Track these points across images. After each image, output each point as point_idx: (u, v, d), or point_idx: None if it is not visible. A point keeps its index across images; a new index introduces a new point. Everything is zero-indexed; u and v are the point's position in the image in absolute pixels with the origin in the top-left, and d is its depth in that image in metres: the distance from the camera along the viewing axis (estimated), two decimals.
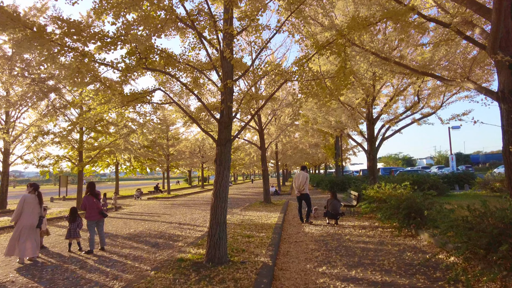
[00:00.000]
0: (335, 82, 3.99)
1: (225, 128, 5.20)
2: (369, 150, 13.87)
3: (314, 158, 33.06)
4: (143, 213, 13.62)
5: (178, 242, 7.47)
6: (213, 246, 4.86)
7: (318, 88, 4.16)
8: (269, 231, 7.57)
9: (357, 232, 7.53)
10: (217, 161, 5.12)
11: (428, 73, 6.30)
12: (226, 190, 5.07)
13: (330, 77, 4.63)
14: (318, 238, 7.06)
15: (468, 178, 21.44)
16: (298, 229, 8.27)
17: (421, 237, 6.60)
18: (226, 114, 5.10)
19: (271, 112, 16.34)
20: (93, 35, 3.95)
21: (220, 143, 5.17)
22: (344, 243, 6.43)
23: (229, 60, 4.92)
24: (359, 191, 11.07)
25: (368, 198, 10.08)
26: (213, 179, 5.31)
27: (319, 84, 4.16)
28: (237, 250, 5.63)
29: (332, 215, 8.67)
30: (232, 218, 10.16)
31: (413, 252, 5.52)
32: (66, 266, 5.65)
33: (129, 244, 7.37)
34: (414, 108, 13.60)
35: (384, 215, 7.69)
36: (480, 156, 68.56)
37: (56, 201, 22.21)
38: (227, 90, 5.13)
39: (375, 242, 6.43)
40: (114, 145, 15.76)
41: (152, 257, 6.11)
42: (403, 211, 7.12)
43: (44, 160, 15.08)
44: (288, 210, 12.50)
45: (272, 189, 21.27)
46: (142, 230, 9.19)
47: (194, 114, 7.23)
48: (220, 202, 4.98)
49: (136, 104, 5.77)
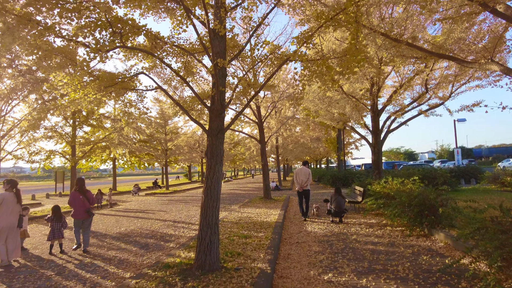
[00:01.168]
0: (345, 60, 3.34)
1: (217, 116, 4.56)
2: (374, 143, 13.24)
3: (316, 153, 32.42)
4: (138, 210, 13.07)
5: (170, 242, 6.89)
6: (203, 251, 4.26)
7: (324, 67, 3.51)
8: (268, 231, 6.97)
9: (364, 232, 6.92)
10: (208, 154, 4.49)
11: (445, 55, 5.63)
12: (219, 187, 4.45)
13: (338, 57, 3.98)
14: (321, 238, 6.46)
15: (475, 172, 20.82)
16: (300, 227, 7.68)
17: (435, 238, 5.99)
18: (217, 100, 4.46)
19: (271, 104, 15.67)
20: (56, 3, 3.30)
21: (212, 133, 4.53)
22: (351, 244, 5.83)
23: (220, 35, 4.26)
24: (364, 187, 10.45)
25: (374, 194, 9.46)
26: None
27: (324, 63, 3.51)
28: (231, 253, 5.03)
29: (336, 213, 8.07)
30: (229, 215, 9.58)
31: (429, 256, 4.91)
32: (41, 272, 5.07)
33: (116, 245, 6.79)
34: (421, 99, 12.92)
35: (394, 212, 7.07)
36: (483, 150, 67.86)
37: (52, 197, 21.68)
38: (218, 73, 4.48)
39: (385, 243, 5.82)
40: (108, 139, 15.16)
41: (139, 260, 5.53)
42: (415, 209, 6.50)
43: (36, 155, 14.50)
44: (289, 206, 11.91)
45: (273, 184, 20.69)
46: (134, 229, 8.62)
47: (187, 103, 6.59)
48: (211, 201, 4.37)
49: (118, 90, 5.15)
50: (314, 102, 14.10)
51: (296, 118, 21.94)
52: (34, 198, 20.24)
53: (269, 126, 22.17)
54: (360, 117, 13.43)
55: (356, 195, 10.55)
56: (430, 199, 6.49)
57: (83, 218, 6.35)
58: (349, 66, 3.23)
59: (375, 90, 12.54)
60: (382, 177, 12.40)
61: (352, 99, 12.83)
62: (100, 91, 4.57)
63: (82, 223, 6.38)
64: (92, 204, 6.73)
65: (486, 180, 15.48)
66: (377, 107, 13.32)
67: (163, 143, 24.56)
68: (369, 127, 13.64)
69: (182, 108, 4.75)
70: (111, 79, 4.67)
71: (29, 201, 17.85)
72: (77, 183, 6.59)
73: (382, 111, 13.53)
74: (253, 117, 16.42)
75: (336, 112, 14.27)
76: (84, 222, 6.39)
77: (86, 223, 6.43)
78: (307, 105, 15.68)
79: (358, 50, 3.17)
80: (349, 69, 3.23)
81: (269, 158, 31.20)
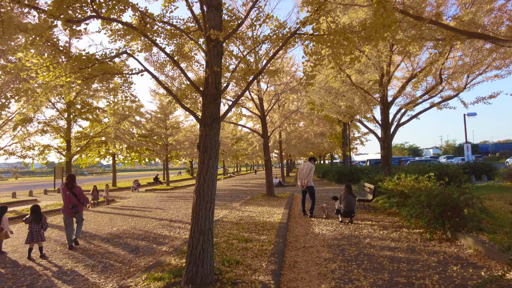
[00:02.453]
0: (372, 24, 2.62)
1: (211, 102, 3.86)
2: (383, 137, 12.49)
3: (320, 148, 31.62)
4: (135, 207, 12.47)
5: (163, 245, 6.26)
6: (195, 261, 3.59)
7: (341, 38, 2.80)
8: (271, 233, 6.30)
9: (378, 234, 6.23)
10: (201, 146, 3.81)
11: (476, 33, 4.87)
12: (213, 185, 3.77)
13: (357, 30, 3.24)
14: (331, 242, 5.78)
15: (486, 168, 20.02)
16: (307, 228, 7.00)
17: (461, 243, 5.28)
18: (211, 83, 3.75)
19: (274, 96, 14.93)
20: None
21: (205, 122, 3.84)
22: (366, 250, 5.14)
23: (214, 4, 3.55)
24: (374, 183, 9.74)
25: (386, 192, 8.77)
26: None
27: (343, 32, 2.80)
28: (229, 262, 4.36)
29: (346, 213, 7.38)
30: (229, 214, 8.92)
31: (459, 266, 4.21)
32: (11, 283, 4.44)
33: (104, 248, 6.17)
34: (434, 91, 12.12)
35: (411, 213, 6.36)
36: (489, 145, 66.77)
37: (50, 194, 21.19)
38: (213, 49, 3.78)
39: (404, 249, 5.13)
40: (105, 133, 14.54)
41: (124, 268, 4.89)
42: (436, 209, 5.79)
43: (29, 150, 13.92)
44: (294, 204, 11.24)
45: (276, 180, 20.03)
46: (126, 229, 8.00)
47: (182, 91, 5.90)
48: (204, 202, 3.69)
49: (100, 75, 4.47)
50: (319, 94, 13.33)
51: (300, 112, 21.16)
52: (31, 194, 19.75)
53: (272, 120, 21.44)
54: (369, 110, 12.67)
55: (365, 192, 9.84)
56: (453, 198, 5.78)
57: (69, 214, 6.30)
58: (377, 30, 2.52)
59: (386, 81, 11.75)
60: (392, 174, 11.72)
61: (361, 90, 12.08)
62: (74, 72, 3.88)
63: (72, 219, 6.35)
64: (83, 201, 6.49)
65: (501, 176, 14.68)
66: (386, 99, 12.55)
67: (164, 138, 23.95)
68: (378, 120, 12.90)
69: (169, 91, 4.06)
70: (88, 60, 3.98)
71: (25, 198, 17.37)
72: (67, 178, 6.55)
73: (392, 103, 12.75)
74: (256, 111, 15.70)
75: (343, 104, 13.50)
76: (75, 217, 6.38)
77: (77, 217, 6.42)
78: (312, 98, 14.93)
79: (387, 12, 2.47)
80: (377, 33, 2.52)
81: (272, 154, 30.48)
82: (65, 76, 3.95)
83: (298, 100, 21.57)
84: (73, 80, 4.00)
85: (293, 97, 21.32)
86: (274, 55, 3.83)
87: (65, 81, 3.97)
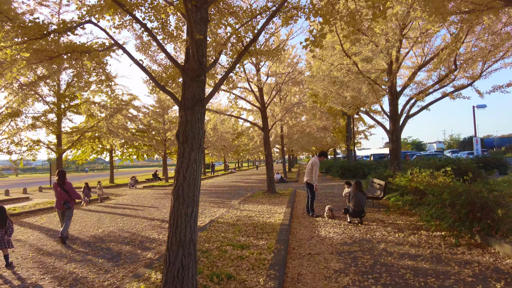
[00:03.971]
0: None
1: (193, 80, 3.06)
2: (392, 129, 11.65)
3: (322, 143, 30.78)
4: (129, 205, 11.76)
5: (148, 251, 5.51)
6: (172, 281, 2.83)
7: None
8: (271, 237, 5.53)
9: (394, 238, 5.44)
10: (180, 135, 3.02)
11: None
12: (195, 185, 2.99)
13: None
14: (340, 247, 5.01)
15: (497, 162, 19.17)
16: (311, 231, 6.22)
17: (496, 250, 4.48)
18: (193, 55, 2.95)
19: (275, 86, 14.08)
20: None
21: (185, 105, 3.05)
22: (382, 259, 4.36)
23: None
24: (384, 179, 8.94)
25: (399, 189, 7.97)
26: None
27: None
28: (219, 277, 3.59)
29: (355, 212, 6.59)
30: (226, 214, 8.17)
31: (503, 283, 3.41)
32: None
33: (82, 255, 5.43)
34: (445, 80, 11.23)
35: (431, 213, 5.57)
36: (494, 139, 65.77)
37: (45, 191, 20.53)
38: (194, 12, 2.97)
39: (428, 257, 4.34)
40: (97, 128, 13.79)
41: (98, 281, 4.14)
42: (462, 209, 4.99)
43: (18, 146, 13.21)
44: (296, 201, 10.47)
45: (278, 176, 19.27)
46: (112, 231, 7.27)
47: (168, 73, 5.11)
48: (183, 206, 2.91)
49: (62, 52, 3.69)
50: (323, 84, 12.48)
51: (302, 105, 20.31)
52: (25, 192, 19.13)
53: (274, 114, 20.62)
54: (377, 100, 11.81)
55: (374, 189, 9.05)
56: (483, 197, 4.97)
57: (61, 209, 6.49)
58: None
59: (395, 68, 10.89)
60: (402, 169, 10.92)
61: (368, 79, 11.22)
62: (20, 43, 3.09)
63: (63, 213, 6.55)
64: (74, 197, 6.58)
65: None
66: (395, 89, 11.69)
67: (162, 133, 23.20)
68: (386, 111, 12.06)
69: (140, 66, 3.26)
70: (39, 28, 3.19)
71: (18, 195, 16.72)
72: (57, 174, 6.62)
73: (401, 93, 11.90)
74: (256, 103, 14.87)
75: (348, 95, 12.65)
76: (65, 213, 6.51)
77: (67, 213, 6.52)
78: (315, 89, 14.07)
79: None
80: None
81: (274, 149, 29.71)
82: (10, 49, 3.17)
83: (301, 93, 20.72)
84: (18, 53, 3.21)
85: (295, 90, 20.46)
86: (274, 15, 3.01)
87: (9, 54, 3.18)
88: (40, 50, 3.65)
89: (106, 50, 3.83)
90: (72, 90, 11.38)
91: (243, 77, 12.76)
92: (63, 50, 3.78)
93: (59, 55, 3.82)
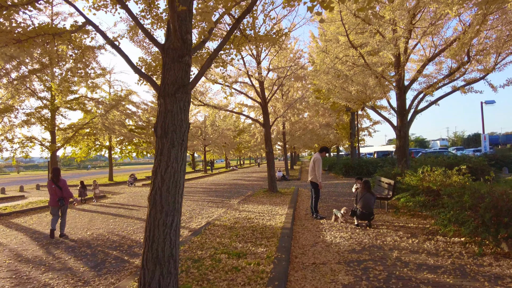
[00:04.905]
0: None
1: (174, 61, 2.52)
2: (399, 125, 11.07)
3: (325, 140, 30.17)
4: (124, 205, 11.29)
5: (136, 257, 5.01)
6: None
7: None
8: (271, 243, 5.01)
9: (408, 244, 4.90)
10: (158, 128, 2.48)
11: None
12: (177, 189, 2.45)
13: None
14: (349, 256, 4.47)
15: (506, 160, 18.55)
16: (315, 235, 5.69)
17: None
18: (174, 30, 2.40)
19: (277, 80, 13.49)
20: None
21: (165, 91, 2.51)
22: (397, 271, 3.82)
23: None
24: (393, 178, 8.38)
25: (409, 188, 7.41)
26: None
27: None
28: None
29: (363, 215, 6.05)
30: (224, 215, 7.65)
31: None
32: None
33: (63, 261, 4.94)
34: (454, 75, 10.60)
35: (448, 217, 5.02)
36: (499, 136, 64.95)
37: (42, 189, 20.15)
38: None
39: (450, 269, 3.80)
40: (92, 124, 13.30)
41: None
42: (486, 214, 4.43)
43: (10, 143, 12.75)
44: (299, 201, 9.94)
45: (279, 174, 18.73)
46: (102, 233, 6.78)
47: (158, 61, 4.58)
48: (162, 214, 2.38)
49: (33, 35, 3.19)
50: (327, 78, 11.91)
51: (305, 101, 19.73)
52: (22, 190, 18.76)
53: (275, 110, 20.06)
54: (384, 94, 11.21)
55: (382, 188, 8.49)
56: (510, 199, 4.41)
57: (56, 206, 6.55)
58: None
59: (404, 60, 10.29)
60: (410, 167, 10.36)
61: (375, 72, 10.63)
62: None
63: (58, 210, 6.61)
64: (66, 195, 6.58)
65: None
66: (403, 83, 11.10)
67: None
68: (394, 107, 11.47)
69: (114, 46, 2.73)
70: None
71: (14, 194, 16.33)
72: (52, 171, 6.76)
73: (409, 87, 11.30)
74: (258, 99, 14.31)
75: (353, 89, 12.06)
76: (61, 209, 6.63)
77: (62, 210, 6.64)
78: (319, 84, 13.48)
79: None
80: None
81: (275, 146, 29.13)
82: None
83: (303, 89, 20.11)
84: None
85: (298, 86, 19.86)
86: None
87: None
88: (4, 32, 3.14)
89: (78, 30, 3.30)
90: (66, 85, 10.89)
91: (243, 71, 12.20)
92: (33, 33, 3.27)
93: (28, 38, 3.31)
